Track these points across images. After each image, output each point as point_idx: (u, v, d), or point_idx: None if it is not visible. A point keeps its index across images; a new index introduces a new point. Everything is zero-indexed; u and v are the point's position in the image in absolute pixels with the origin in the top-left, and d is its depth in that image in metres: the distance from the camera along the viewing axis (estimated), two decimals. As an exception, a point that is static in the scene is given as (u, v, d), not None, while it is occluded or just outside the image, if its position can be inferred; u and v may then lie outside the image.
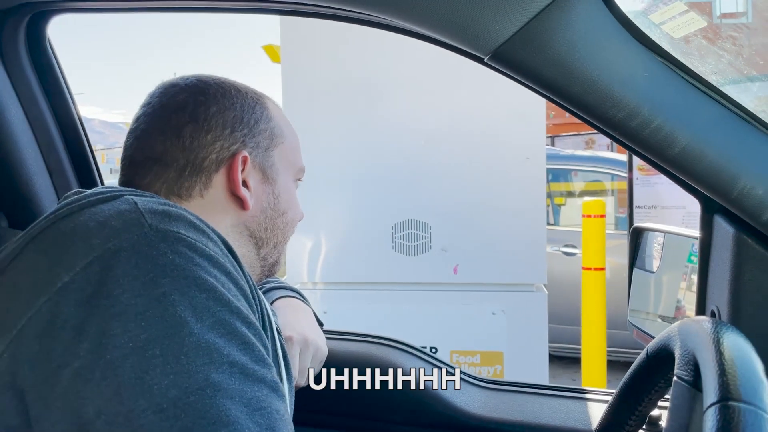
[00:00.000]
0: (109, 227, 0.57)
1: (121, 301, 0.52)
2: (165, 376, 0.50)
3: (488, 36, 0.71)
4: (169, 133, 0.73)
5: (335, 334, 1.13)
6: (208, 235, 0.61)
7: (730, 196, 0.73)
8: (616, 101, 0.71)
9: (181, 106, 0.74)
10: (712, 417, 0.41)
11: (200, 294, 0.54)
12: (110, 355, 0.50)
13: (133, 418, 0.49)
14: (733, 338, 0.48)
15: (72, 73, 46.88)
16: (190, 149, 0.73)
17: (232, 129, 0.75)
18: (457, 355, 2.34)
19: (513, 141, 2.31)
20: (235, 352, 0.54)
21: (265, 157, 0.79)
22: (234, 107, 0.76)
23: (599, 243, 3.36)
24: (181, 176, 0.73)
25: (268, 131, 0.79)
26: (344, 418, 1.08)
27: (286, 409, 0.57)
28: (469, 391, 1.10)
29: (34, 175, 1.04)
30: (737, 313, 0.77)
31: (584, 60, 0.70)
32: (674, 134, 0.71)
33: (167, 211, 0.60)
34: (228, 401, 0.51)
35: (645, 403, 0.66)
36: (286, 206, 0.82)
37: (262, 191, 0.78)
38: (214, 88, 0.77)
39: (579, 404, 1.05)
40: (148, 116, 0.75)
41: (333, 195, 2.41)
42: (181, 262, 0.55)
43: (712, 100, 0.72)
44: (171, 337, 0.51)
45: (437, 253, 2.35)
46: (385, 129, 2.36)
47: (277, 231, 0.82)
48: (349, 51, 2.39)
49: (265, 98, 0.83)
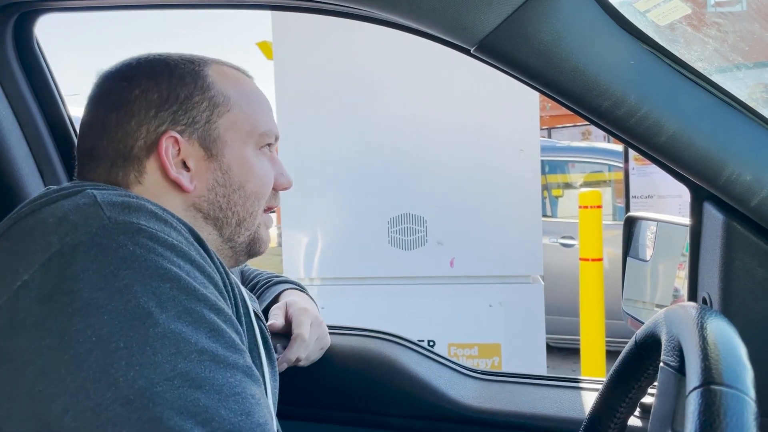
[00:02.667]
0: (68, 222, 0.57)
1: (81, 296, 0.52)
2: (130, 368, 0.49)
3: (474, 27, 0.71)
4: (96, 125, 0.71)
5: (333, 329, 1.13)
6: (170, 224, 0.60)
7: (718, 182, 0.73)
8: (602, 90, 0.71)
9: (105, 95, 0.72)
10: (694, 401, 0.41)
11: (164, 284, 0.54)
12: (74, 351, 0.50)
13: (101, 411, 0.48)
14: (717, 323, 0.48)
15: (67, 73, 46.63)
16: (117, 140, 0.70)
17: (157, 110, 0.70)
18: (455, 347, 2.35)
19: (507, 133, 2.31)
20: (203, 340, 0.53)
21: (206, 131, 0.72)
22: (158, 86, 0.71)
23: (596, 234, 3.36)
24: (114, 167, 0.70)
25: (206, 102, 0.72)
26: (341, 412, 1.08)
27: (262, 393, 0.57)
28: (465, 382, 1.10)
29: (24, 173, 1.04)
30: (728, 299, 0.78)
31: (570, 49, 0.70)
32: (661, 122, 0.71)
33: (126, 202, 0.59)
34: (197, 390, 0.50)
35: (635, 389, 0.66)
36: (242, 179, 0.74)
37: (205, 168, 0.72)
38: (140, 69, 0.73)
39: (573, 393, 1.05)
40: (85, 110, 0.74)
41: (328, 191, 2.41)
42: (142, 253, 0.55)
43: (698, 87, 0.72)
44: (135, 328, 0.51)
45: (433, 247, 2.35)
46: (379, 123, 2.36)
47: (236, 208, 0.75)
48: (342, 46, 2.39)
49: (205, 65, 0.75)
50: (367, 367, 1.06)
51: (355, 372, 1.07)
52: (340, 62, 2.39)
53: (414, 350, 1.12)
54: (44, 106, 1.09)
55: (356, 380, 1.06)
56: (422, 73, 2.33)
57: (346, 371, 1.07)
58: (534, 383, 1.10)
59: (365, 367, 1.07)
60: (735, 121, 0.72)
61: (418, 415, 1.04)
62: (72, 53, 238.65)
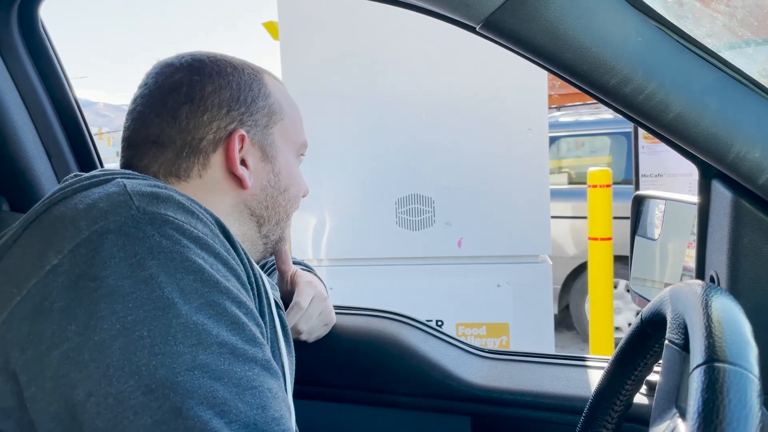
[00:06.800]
0: (97, 209, 0.57)
1: (108, 282, 0.52)
2: (153, 357, 0.50)
3: (479, 4, 0.70)
4: (165, 114, 0.73)
5: (341, 309, 1.14)
6: (197, 217, 0.61)
7: (727, 160, 0.72)
8: (609, 67, 0.70)
9: (177, 87, 0.74)
10: (697, 378, 0.41)
11: (187, 276, 0.55)
12: (98, 337, 0.51)
13: (123, 399, 0.49)
14: (722, 300, 0.48)
15: (75, 57, 46.79)
16: (186, 130, 0.73)
17: (229, 108, 0.74)
18: (463, 327, 2.36)
19: (515, 112, 2.29)
20: (224, 333, 0.54)
21: (264, 135, 0.78)
22: (230, 86, 0.75)
23: (606, 213, 3.35)
24: (179, 157, 0.73)
25: (267, 108, 0.78)
26: (349, 390, 1.09)
27: (280, 386, 0.58)
28: (472, 361, 1.11)
29: (33, 158, 1.05)
30: (736, 277, 0.77)
31: (576, 26, 0.69)
32: (669, 99, 0.71)
33: (155, 193, 0.60)
34: (216, 382, 0.51)
35: (641, 367, 0.67)
36: (288, 183, 0.81)
37: (261, 169, 0.78)
38: (210, 67, 0.76)
39: (580, 371, 1.06)
40: (145, 97, 0.75)
41: (336, 172, 2.41)
42: (168, 244, 0.55)
43: (707, 64, 0.71)
44: (158, 318, 0.52)
45: (441, 227, 2.35)
46: (386, 104, 2.35)
47: (279, 208, 0.81)
48: (348, 26, 2.37)
49: (263, 74, 0.81)
50: (375, 346, 1.07)
51: (363, 351, 1.08)
52: (347, 42, 2.38)
53: (421, 329, 1.13)
54: (51, 89, 1.09)
55: (364, 359, 1.07)
56: (429, 53, 2.32)
57: (353, 350, 1.08)
58: (541, 362, 1.10)
59: (373, 346, 1.07)
60: (744, 98, 0.71)
61: (425, 393, 1.05)
62: (74, 37, 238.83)
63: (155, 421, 0.49)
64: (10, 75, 1.05)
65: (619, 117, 1.51)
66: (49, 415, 0.52)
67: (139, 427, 0.49)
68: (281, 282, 1.02)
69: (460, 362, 1.08)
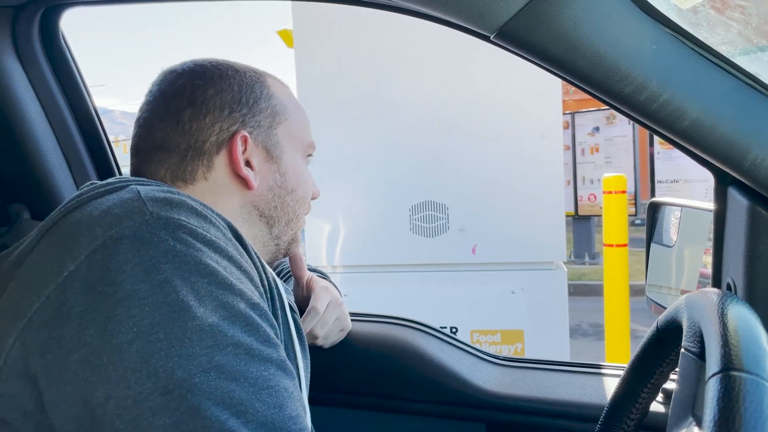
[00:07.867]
0: (112, 216, 0.58)
1: (124, 287, 0.53)
2: (170, 359, 0.51)
3: (493, 13, 0.70)
4: (169, 119, 0.74)
5: (356, 316, 1.14)
6: (210, 221, 0.62)
7: (743, 167, 0.72)
8: (623, 75, 0.70)
9: (179, 91, 0.75)
10: (713, 386, 0.41)
11: (202, 279, 0.56)
12: (116, 340, 0.52)
13: (141, 400, 0.50)
14: (738, 309, 0.48)
15: (93, 65, 47.31)
16: (189, 133, 0.74)
17: (230, 110, 0.75)
18: (477, 334, 2.35)
19: (529, 119, 2.29)
20: (239, 334, 0.55)
21: (268, 136, 0.79)
22: (231, 88, 0.76)
23: (621, 219, 3.33)
24: (184, 160, 0.74)
25: (269, 109, 0.79)
26: (364, 397, 1.10)
27: (295, 386, 0.59)
28: (487, 368, 1.11)
29: (54, 167, 1.07)
30: (752, 284, 0.77)
31: (590, 35, 0.69)
32: (684, 107, 0.70)
33: (169, 198, 0.61)
34: (232, 382, 0.52)
35: (657, 375, 0.66)
36: (295, 183, 0.82)
37: (267, 169, 0.79)
38: (212, 71, 0.77)
39: (595, 379, 1.05)
40: (150, 104, 0.77)
41: (350, 179, 2.42)
42: (182, 249, 0.56)
43: (722, 71, 0.71)
44: (174, 321, 0.53)
45: (455, 234, 2.35)
46: (400, 111, 2.36)
47: (288, 209, 0.82)
48: (362, 34, 2.38)
49: (265, 76, 0.82)
50: (390, 353, 1.08)
51: (378, 358, 1.08)
52: (361, 50, 2.39)
53: (436, 337, 1.13)
54: (71, 100, 1.11)
55: (379, 366, 1.08)
56: (443, 60, 2.32)
57: (369, 357, 1.08)
58: (556, 369, 1.10)
59: (388, 353, 1.08)
60: (760, 105, 0.71)
61: (439, 401, 1.05)
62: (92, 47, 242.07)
63: (173, 422, 0.50)
64: (31, 85, 1.07)
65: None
66: (69, 418, 0.53)
67: (157, 428, 0.50)
68: (297, 288, 1.02)
69: (474, 369, 1.08)
